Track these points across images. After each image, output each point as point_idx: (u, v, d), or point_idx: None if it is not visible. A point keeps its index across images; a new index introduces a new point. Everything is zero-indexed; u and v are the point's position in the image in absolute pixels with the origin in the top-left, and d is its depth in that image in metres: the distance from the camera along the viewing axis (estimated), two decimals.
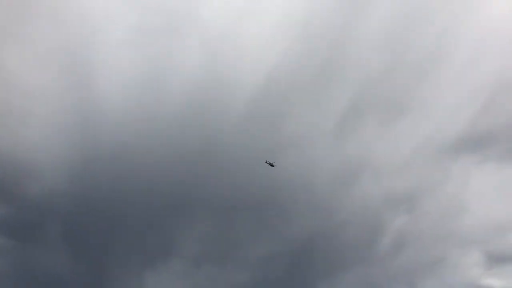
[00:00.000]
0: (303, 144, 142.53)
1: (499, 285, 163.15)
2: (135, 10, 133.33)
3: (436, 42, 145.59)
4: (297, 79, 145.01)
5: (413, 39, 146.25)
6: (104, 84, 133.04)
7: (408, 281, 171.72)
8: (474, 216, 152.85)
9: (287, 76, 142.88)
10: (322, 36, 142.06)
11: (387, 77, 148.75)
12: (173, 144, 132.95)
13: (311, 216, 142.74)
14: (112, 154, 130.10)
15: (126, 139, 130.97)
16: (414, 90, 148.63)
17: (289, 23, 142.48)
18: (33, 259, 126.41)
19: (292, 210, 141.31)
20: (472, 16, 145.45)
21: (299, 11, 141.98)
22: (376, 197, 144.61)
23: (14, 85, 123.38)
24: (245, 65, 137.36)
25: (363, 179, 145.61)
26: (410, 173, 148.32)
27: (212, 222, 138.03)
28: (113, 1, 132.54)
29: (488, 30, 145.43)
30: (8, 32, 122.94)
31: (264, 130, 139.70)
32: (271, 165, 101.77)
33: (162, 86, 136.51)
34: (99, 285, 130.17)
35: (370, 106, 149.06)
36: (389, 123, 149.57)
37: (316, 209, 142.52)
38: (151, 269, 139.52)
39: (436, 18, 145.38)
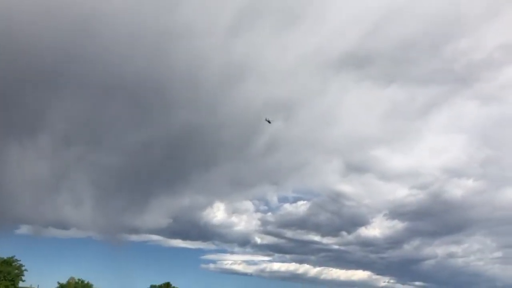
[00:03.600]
0: (195, 35, 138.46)
1: (350, 191, 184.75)
2: None
3: None
4: None
5: None
6: None
7: (274, 181, 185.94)
8: (341, 128, 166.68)
9: None
10: None
11: None
12: (50, 11, 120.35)
13: (192, 110, 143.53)
14: None
15: None
16: (311, 1, 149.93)
17: None
18: None
19: (173, 100, 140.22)
20: None
21: None
22: (257, 101, 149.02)
23: None
24: None
25: (247, 81, 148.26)
26: (292, 82, 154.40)
27: (86, 99, 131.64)
28: None
29: None
30: None
31: (157, 13, 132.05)
32: (269, 121, 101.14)
33: None
34: None
35: (267, 9, 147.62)
36: (281, 29, 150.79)
37: (198, 103, 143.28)
38: (16, 144, 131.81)
39: None
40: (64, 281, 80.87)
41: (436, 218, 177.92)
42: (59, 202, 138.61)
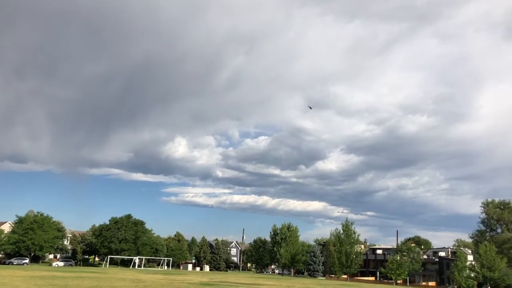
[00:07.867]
0: None
1: (310, 127, 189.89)
2: None
3: None
4: None
5: None
6: None
7: (236, 116, 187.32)
8: (304, 64, 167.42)
9: None
10: None
11: None
12: None
13: (153, 41, 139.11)
14: None
15: None
16: None
17: None
18: None
19: (133, 30, 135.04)
20: None
21: None
22: (220, 33, 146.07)
23: None
24: None
25: (210, 13, 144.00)
26: (256, 15, 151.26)
27: (39, 28, 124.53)
28: None
29: None
30: None
31: None
32: (310, 108, 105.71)
33: None
34: None
35: None
36: None
37: (158, 34, 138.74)
38: None
39: None
40: (22, 214, 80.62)
41: (390, 152, 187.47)
42: (15, 135, 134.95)
